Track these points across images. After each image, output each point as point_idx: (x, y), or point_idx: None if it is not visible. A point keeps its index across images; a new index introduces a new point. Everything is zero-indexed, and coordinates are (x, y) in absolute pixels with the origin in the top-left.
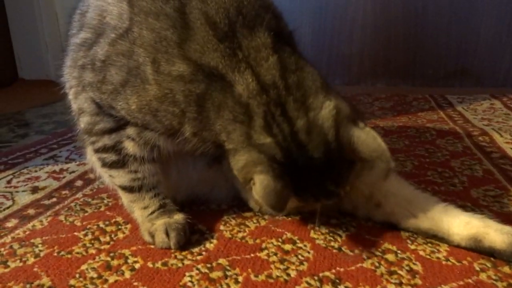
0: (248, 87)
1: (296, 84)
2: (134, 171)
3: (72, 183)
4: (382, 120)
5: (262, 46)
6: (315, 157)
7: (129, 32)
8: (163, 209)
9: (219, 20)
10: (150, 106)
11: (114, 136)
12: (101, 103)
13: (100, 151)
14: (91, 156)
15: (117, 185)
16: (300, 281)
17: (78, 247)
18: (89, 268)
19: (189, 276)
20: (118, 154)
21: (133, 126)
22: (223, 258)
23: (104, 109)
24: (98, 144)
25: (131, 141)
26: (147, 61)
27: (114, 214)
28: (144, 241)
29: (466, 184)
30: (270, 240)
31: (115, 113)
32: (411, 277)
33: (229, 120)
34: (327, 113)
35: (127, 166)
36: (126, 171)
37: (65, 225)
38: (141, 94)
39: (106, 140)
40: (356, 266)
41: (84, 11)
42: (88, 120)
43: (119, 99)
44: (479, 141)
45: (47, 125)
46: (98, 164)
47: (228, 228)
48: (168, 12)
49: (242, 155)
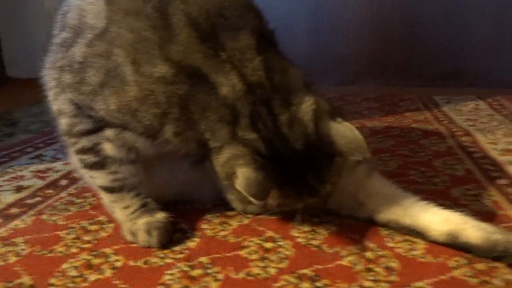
0: (234, 88)
1: (280, 84)
2: (114, 172)
3: (57, 182)
4: (369, 120)
5: (247, 47)
6: (296, 148)
7: (106, 32)
8: (144, 208)
9: (201, 21)
10: (130, 107)
11: (92, 137)
12: (80, 104)
13: (80, 152)
14: (73, 157)
15: (98, 186)
16: (279, 278)
17: (60, 246)
18: (70, 266)
19: (169, 274)
20: (97, 155)
21: (111, 128)
22: (204, 256)
23: (83, 110)
24: (78, 145)
25: (109, 143)
26: (126, 62)
27: (97, 213)
28: (126, 240)
29: (448, 183)
30: (252, 239)
31: (94, 114)
32: (388, 274)
33: (214, 121)
34: (307, 108)
35: (107, 168)
36: (106, 172)
37: (48, 224)
38: (121, 94)
39: (85, 142)
40: (335, 263)
41: (66, 11)
42: (67, 121)
43: (98, 100)
44: (462, 141)
45: (34, 124)
46: (80, 165)
47: (210, 227)
48: (149, 12)
49: (225, 151)
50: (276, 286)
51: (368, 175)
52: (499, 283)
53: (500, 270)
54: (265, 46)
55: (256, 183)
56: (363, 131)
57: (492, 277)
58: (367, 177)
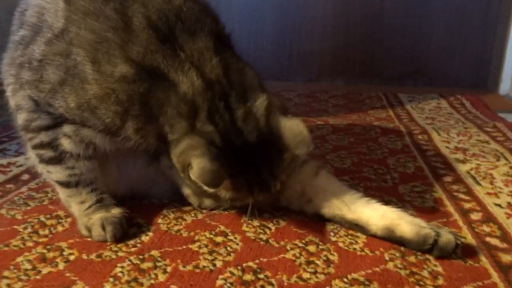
0: (194, 85)
1: (237, 82)
2: (71, 167)
3: (18, 177)
4: (334, 118)
5: (205, 48)
6: (249, 141)
7: (65, 32)
8: (100, 203)
9: (160, 24)
10: (90, 104)
11: (50, 133)
12: (39, 101)
13: (37, 147)
14: (30, 152)
15: (54, 180)
16: (224, 271)
17: (16, 240)
18: (24, 260)
19: (120, 267)
20: (54, 150)
21: (69, 124)
22: (155, 250)
23: (42, 106)
24: (35, 140)
25: (67, 139)
26: (86, 61)
27: (56, 208)
28: (82, 234)
29: (397, 180)
30: (204, 233)
31: (53, 111)
32: (326, 266)
33: (173, 115)
34: (260, 103)
35: (64, 163)
36: (63, 167)
37: (6, 218)
38: (80, 93)
39: (43, 137)
40: (279, 256)
41: (24, 9)
42: (26, 116)
43: (57, 97)
44: (418, 139)
45: (0, 117)
46: (36, 160)
47: (165, 222)
48: (109, 14)
49: (183, 142)
50: (221, 278)
51: (316, 173)
52: (426, 275)
53: (429, 262)
54: (222, 47)
55: (210, 172)
56: (325, 128)
57: (421, 268)
58: (315, 175)
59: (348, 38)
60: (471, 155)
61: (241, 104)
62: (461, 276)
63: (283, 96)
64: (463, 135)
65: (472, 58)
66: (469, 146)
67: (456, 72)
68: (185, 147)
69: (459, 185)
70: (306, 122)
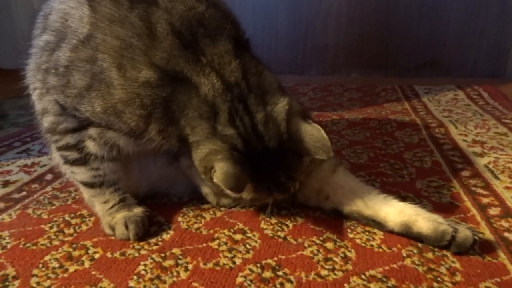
0: (214, 86)
1: (256, 84)
2: (95, 169)
3: (43, 177)
4: (349, 112)
5: (225, 52)
6: (270, 147)
7: (91, 38)
8: (123, 203)
9: (183, 30)
10: (115, 109)
11: (76, 135)
12: (65, 105)
13: (62, 149)
14: (55, 153)
15: (78, 181)
16: (244, 268)
17: (43, 239)
18: (52, 258)
19: (143, 265)
20: (80, 152)
21: (95, 127)
22: (176, 248)
23: (68, 110)
24: (61, 142)
25: (92, 141)
26: (112, 67)
27: (80, 207)
28: (106, 233)
29: (413, 176)
30: (223, 231)
31: (79, 115)
32: (344, 263)
33: (194, 117)
34: (281, 108)
35: (89, 164)
36: (88, 168)
37: (33, 218)
38: (106, 97)
39: (69, 139)
40: (297, 253)
41: (48, 13)
42: (52, 120)
43: (84, 102)
44: (435, 133)
45: (23, 117)
46: (61, 161)
47: (185, 220)
48: (133, 21)
49: (205, 145)
50: (241, 275)
51: (333, 171)
52: (444, 271)
53: (447, 259)
54: (241, 51)
55: (234, 177)
56: (341, 123)
57: (439, 265)
58: (332, 172)
59: (362, 30)
60: (489, 148)
61: (261, 108)
62: (479, 272)
63: (297, 90)
64: (481, 128)
65: (490, 48)
66: (487, 139)
67: (473, 62)
68: (208, 151)
69: (477, 179)
70: (321, 116)
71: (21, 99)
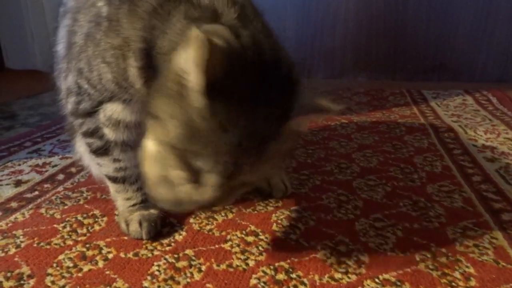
0: None
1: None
2: (117, 160)
3: (54, 177)
4: (358, 116)
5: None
6: None
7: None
8: (144, 204)
9: None
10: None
11: (94, 120)
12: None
13: (86, 135)
14: (79, 147)
15: (104, 174)
16: (257, 270)
17: (57, 239)
18: (66, 258)
19: (157, 266)
20: (101, 139)
21: (101, 112)
22: (189, 249)
23: (81, 86)
24: (84, 127)
25: (107, 127)
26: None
27: (92, 207)
28: (118, 233)
29: (424, 180)
30: (235, 232)
31: (85, 85)
32: (357, 266)
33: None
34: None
35: (111, 153)
36: (110, 159)
37: (46, 217)
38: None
39: (89, 123)
40: (310, 256)
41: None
42: (74, 99)
43: (82, 57)
44: (444, 138)
45: (32, 117)
46: (87, 151)
47: (197, 221)
48: None
49: None
50: (254, 277)
51: None
52: (458, 276)
53: (461, 263)
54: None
55: None
56: (350, 127)
57: (453, 270)
58: None
59: (370, 34)
60: (499, 153)
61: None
62: (494, 277)
63: None
64: (491, 133)
65: (499, 52)
66: (497, 145)
67: (482, 66)
68: None
69: (488, 184)
70: (330, 120)
71: (30, 99)
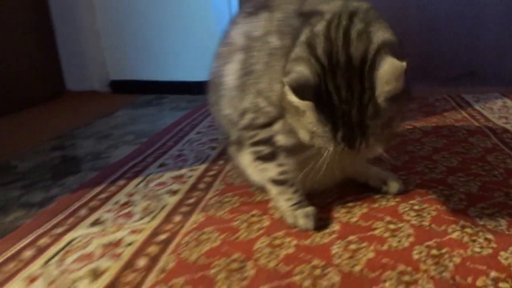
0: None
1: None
2: (281, 165)
3: (197, 186)
4: (417, 121)
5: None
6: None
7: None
8: (301, 204)
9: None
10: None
11: (268, 129)
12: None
13: (257, 144)
14: (244, 160)
15: (267, 178)
16: (412, 248)
17: (242, 233)
18: (262, 246)
19: (336, 248)
20: (271, 146)
21: (278, 121)
22: (351, 236)
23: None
24: (256, 138)
25: (280, 134)
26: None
27: (248, 208)
28: (287, 227)
29: (505, 175)
30: (377, 222)
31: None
32: (488, 243)
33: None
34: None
35: (277, 158)
36: (275, 163)
37: (217, 218)
38: None
39: (263, 134)
40: (447, 237)
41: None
42: (251, 116)
43: (262, 80)
44: (503, 138)
45: (128, 135)
46: (251, 160)
47: (341, 215)
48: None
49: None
50: (415, 253)
51: None
52: (482, 241)
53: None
54: None
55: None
56: (415, 132)
57: (478, 237)
58: None
59: (406, 44)
60: None
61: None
62: None
63: None
64: None
65: None
66: None
67: (510, 72)
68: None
69: None
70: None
71: (103, 120)
